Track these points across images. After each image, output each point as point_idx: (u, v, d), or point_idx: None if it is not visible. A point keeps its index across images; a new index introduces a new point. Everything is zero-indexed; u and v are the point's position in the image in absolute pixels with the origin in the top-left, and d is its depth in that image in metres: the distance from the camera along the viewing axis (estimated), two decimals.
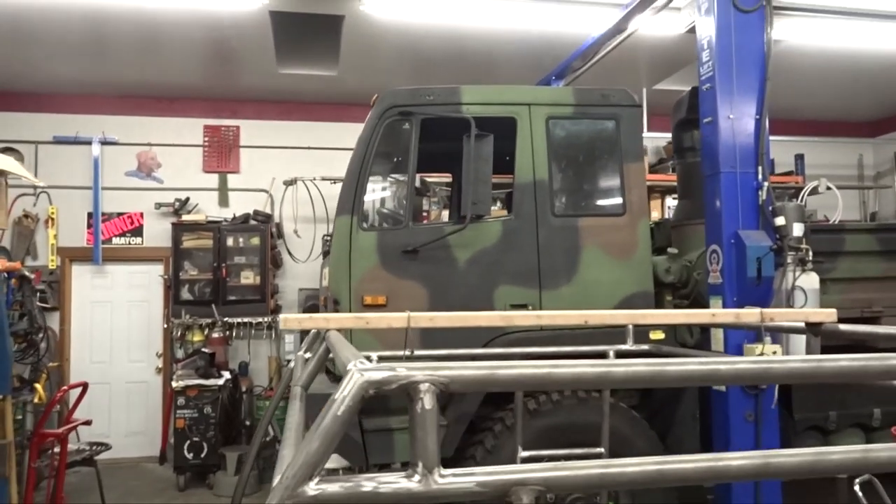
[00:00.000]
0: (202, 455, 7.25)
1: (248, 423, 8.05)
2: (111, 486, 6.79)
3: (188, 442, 7.24)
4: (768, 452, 1.17)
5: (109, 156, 8.53)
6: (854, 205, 10.19)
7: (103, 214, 8.48)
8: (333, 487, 1.04)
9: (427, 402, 1.08)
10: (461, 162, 4.39)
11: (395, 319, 2.26)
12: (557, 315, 2.51)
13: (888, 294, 4.98)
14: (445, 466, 1.06)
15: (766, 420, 4.23)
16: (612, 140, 4.84)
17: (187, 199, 8.56)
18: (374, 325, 2.28)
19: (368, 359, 3.09)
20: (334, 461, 5.34)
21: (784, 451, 1.17)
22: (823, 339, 2.58)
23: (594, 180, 5.00)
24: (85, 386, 5.99)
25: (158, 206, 8.51)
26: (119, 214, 8.56)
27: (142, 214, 8.58)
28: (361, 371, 1.09)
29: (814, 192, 8.85)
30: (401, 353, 3.02)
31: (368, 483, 1.06)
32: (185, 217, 8.45)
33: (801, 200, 8.79)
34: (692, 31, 4.66)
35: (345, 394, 1.07)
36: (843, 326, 2.42)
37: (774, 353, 4.12)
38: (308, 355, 3.21)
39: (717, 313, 2.66)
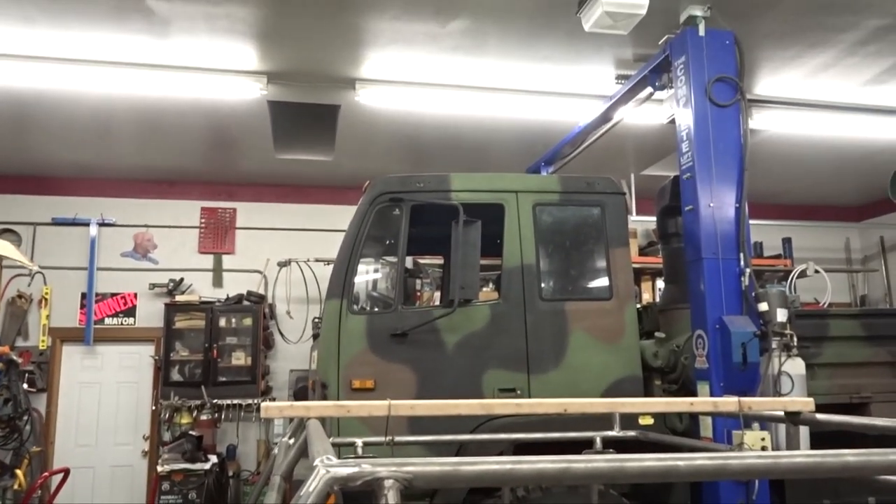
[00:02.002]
0: None
1: None
2: None
3: None
4: None
5: (106, 237, 8.64)
6: (843, 288, 10.29)
7: (97, 295, 8.52)
8: None
9: (391, 498, 1.10)
10: (450, 245, 4.48)
11: (375, 408, 2.28)
12: (537, 403, 2.52)
13: (876, 380, 4.98)
14: None
15: None
16: (597, 226, 4.95)
17: (181, 279, 8.63)
18: (356, 414, 2.29)
19: (348, 450, 3.06)
20: None
21: None
22: (816, 426, 2.58)
23: (581, 265, 5.08)
24: (66, 472, 5.88)
25: (152, 286, 8.57)
26: (113, 295, 8.60)
27: (135, 295, 8.62)
28: (327, 467, 1.12)
29: (802, 275, 8.96)
30: (386, 437, 3.00)
31: None
32: (178, 297, 8.49)
33: (790, 283, 8.89)
34: (674, 121, 4.84)
35: (310, 490, 1.09)
36: (819, 416, 2.43)
37: (763, 439, 4.10)
38: (291, 441, 3.20)
39: (694, 402, 2.68)
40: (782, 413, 2.53)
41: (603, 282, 4.91)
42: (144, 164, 8.27)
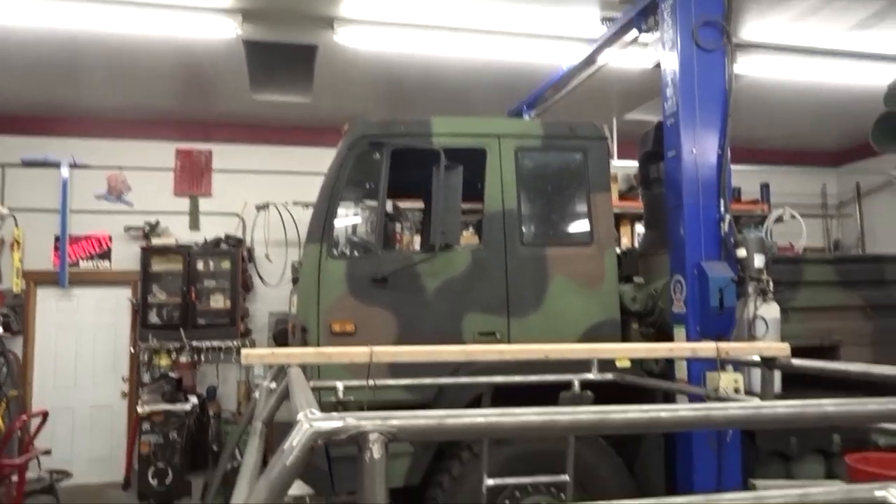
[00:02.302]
0: (167, 482, 7.13)
1: (215, 448, 7.95)
2: None
3: (153, 468, 7.12)
4: (710, 497, 1.21)
5: (79, 178, 8.45)
6: (818, 233, 10.42)
7: (70, 237, 8.38)
8: None
9: (376, 451, 1.10)
10: (431, 189, 4.44)
11: (357, 354, 2.28)
12: (519, 350, 2.54)
13: (847, 323, 5.08)
14: (413, 494, 1.07)
15: (728, 448, 4.28)
16: (579, 171, 4.92)
17: (157, 222, 8.50)
18: (337, 360, 2.29)
19: (324, 403, 3.08)
20: (298, 488, 5.29)
21: (727, 496, 1.21)
22: (792, 371, 2.63)
23: (562, 211, 5.08)
24: (45, 415, 5.88)
25: (127, 229, 8.44)
26: (87, 237, 8.47)
27: (110, 237, 8.49)
28: (311, 422, 1.11)
29: (779, 220, 9.04)
30: (368, 382, 3.02)
31: None
32: (154, 240, 8.38)
33: (766, 228, 8.98)
34: (659, 66, 4.77)
35: (293, 444, 1.08)
36: (795, 361, 2.48)
37: (736, 381, 4.19)
38: (273, 385, 3.21)
39: (674, 347, 2.72)
40: (758, 358, 2.57)
41: (584, 227, 4.92)
42: (117, 103, 8.03)
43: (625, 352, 2.73)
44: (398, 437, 1.12)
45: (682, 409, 1.22)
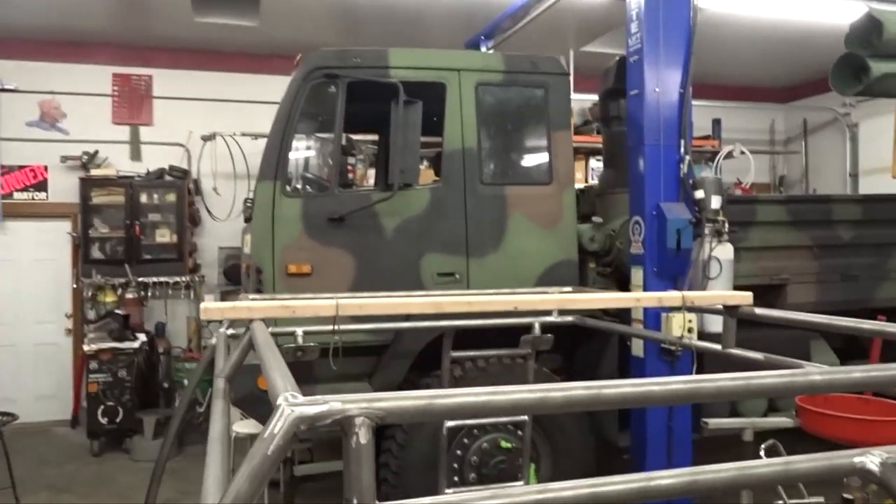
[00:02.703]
0: (118, 420, 7.03)
1: (166, 385, 7.84)
2: (19, 452, 6.51)
3: (102, 406, 6.99)
4: (695, 469, 1.20)
5: (8, 104, 7.92)
6: (765, 168, 10.63)
7: (3, 167, 7.92)
8: None
9: (362, 436, 1.04)
10: (388, 124, 4.30)
11: (322, 307, 2.20)
12: (488, 302, 2.51)
13: (795, 262, 5.23)
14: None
15: None
16: (539, 108, 4.83)
17: (96, 152, 8.08)
18: (302, 314, 2.22)
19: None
20: (252, 427, 5.27)
21: (712, 468, 1.21)
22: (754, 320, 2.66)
23: (522, 148, 5.00)
24: None
25: (64, 159, 8.01)
26: (21, 167, 8.01)
27: (46, 168, 8.05)
28: (292, 406, 1.04)
29: (729, 156, 9.15)
30: (327, 328, 2.95)
31: None
32: (94, 171, 7.98)
33: (717, 165, 9.10)
34: None
35: (275, 431, 1.01)
36: (758, 310, 2.51)
37: (690, 320, 4.28)
38: (231, 332, 3.12)
39: (641, 297, 2.73)
40: (721, 306, 2.60)
41: (543, 166, 4.86)
42: (46, 22, 7.46)
43: (591, 303, 2.72)
44: (385, 420, 1.06)
45: (675, 383, 1.19)
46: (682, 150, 4.41)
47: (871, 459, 1.29)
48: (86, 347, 7.07)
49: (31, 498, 5.73)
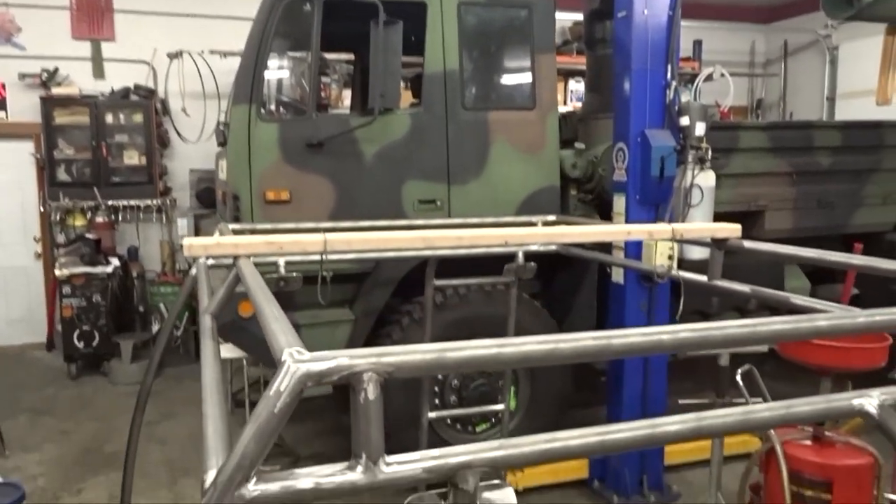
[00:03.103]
0: (94, 344, 7.00)
1: (141, 309, 7.79)
2: None
3: (78, 331, 6.94)
4: (701, 415, 1.20)
5: None
6: (743, 91, 10.55)
7: None
8: (273, 487, 0.99)
9: (371, 392, 1.02)
10: (366, 45, 4.13)
11: (310, 243, 2.15)
12: (478, 237, 2.47)
13: (773, 189, 5.25)
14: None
15: (658, 308, 4.48)
16: (523, 30, 4.67)
17: (56, 69, 7.71)
18: (289, 251, 2.16)
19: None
20: (230, 351, 5.27)
21: (716, 413, 1.21)
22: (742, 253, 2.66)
23: (505, 72, 4.86)
24: None
25: (22, 76, 7.64)
26: None
27: (3, 85, 7.68)
28: (298, 363, 1.00)
29: (709, 78, 9.04)
30: (309, 258, 2.90)
31: (308, 479, 1.01)
32: (55, 90, 7.64)
33: (696, 87, 9.00)
34: None
35: (280, 389, 0.98)
36: (746, 243, 2.51)
37: (671, 248, 4.31)
38: (211, 262, 3.05)
39: (632, 230, 2.71)
40: (709, 239, 2.60)
41: (526, 90, 4.74)
42: None
43: (581, 236, 2.70)
44: (395, 374, 1.04)
45: (683, 331, 1.18)
46: (669, 75, 4.32)
47: (870, 402, 1.31)
48: (57, 272, 6.94)
49: (10, 422, 5.74)
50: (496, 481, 1.23)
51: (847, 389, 3.51)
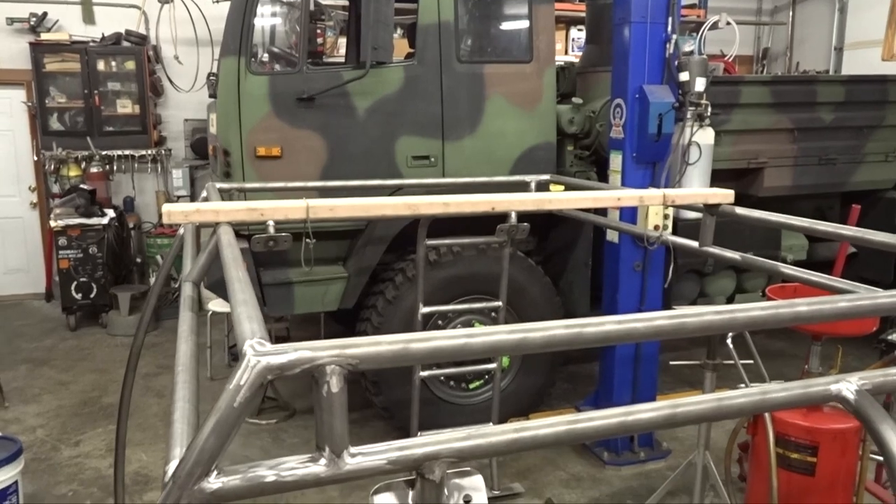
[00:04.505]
0: (91, 295, 7.02)
1: (139, 260, 7.80)
2: None
3: (75, 282, 6.96)
4: (675, 402, 1.19)
5: None
6: (749, 40, 10.30)
7: None
8: (234, 481, 0.97)
9: (334, 384, 1.00)
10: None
11: (292, 210, 2.11)
12: (466, 202, 2.42)
13: (773, 146, 5.17)
14: (346, 316, 0.98)
15: (653, 268, 4.45)
16: None
17: (45, 14, 7.52)
18: (270, 217, 2.12)
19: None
20: (224, 306, 5.27)
21: (690, 399, 1.20)
22: (734, 219, 2.61)
23: (501, 24, 4.72)
24: None
25: (11, 21, 7.46)
26: None
27: None
28: (259, 356, 0.98)
29: (714, 27, 8.81)
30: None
31: (270, 472, 1.00)
32: (44, 36, 7.48)
33: (701, 36, 8.78)
34: None
35: (241, 383, 0.96)
36: (738, 210, 2.47)
37: (666, 216, 4.25)
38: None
39: (622, 197, 2.66)
40: (702, 204, 2.55)
41: (523, 42, 4.62)
42: None
43: (571, 202, 2.65)
44: (359, 367, 1.01)
45: (692, 315, 1.16)
46: (670, 28, 4.19)
47: (847, 387, 1.29)
48: (53, 224, 6.92)
49: (10, 373, 5.81)
50: (465, 468, 1.22)
51: (838, 354, 3.51)
